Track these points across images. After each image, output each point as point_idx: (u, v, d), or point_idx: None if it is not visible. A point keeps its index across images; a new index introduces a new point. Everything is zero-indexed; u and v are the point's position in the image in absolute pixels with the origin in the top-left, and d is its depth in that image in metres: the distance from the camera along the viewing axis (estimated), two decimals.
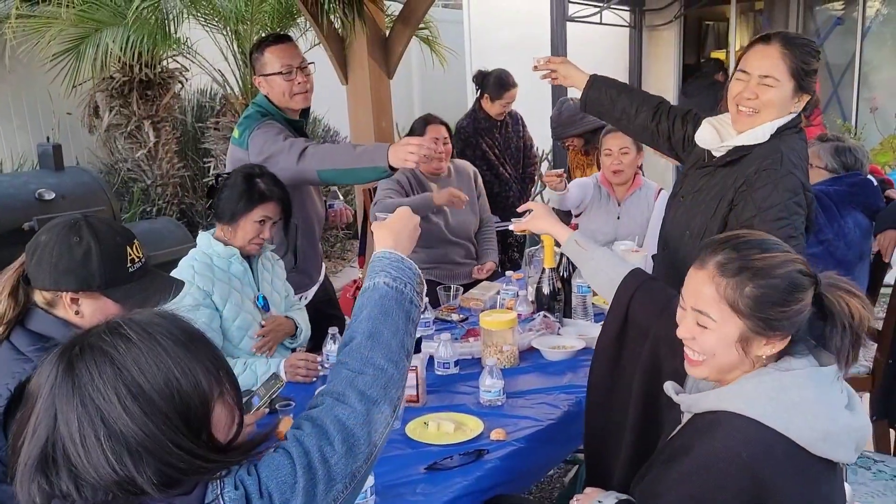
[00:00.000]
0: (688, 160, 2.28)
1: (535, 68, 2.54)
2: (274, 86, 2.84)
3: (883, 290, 3.33)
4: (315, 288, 3.11)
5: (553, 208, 3.26)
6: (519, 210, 2.20)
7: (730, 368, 1.40)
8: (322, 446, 1.09)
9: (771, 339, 1.35)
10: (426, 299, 2.76)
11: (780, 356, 1.38)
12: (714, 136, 2.11)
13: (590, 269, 2.00)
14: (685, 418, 1.49)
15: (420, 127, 3.51)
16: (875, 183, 3.17)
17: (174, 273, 2.36)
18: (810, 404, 1.30)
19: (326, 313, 3.15)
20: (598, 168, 4.00)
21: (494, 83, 4.30)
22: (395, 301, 1.30)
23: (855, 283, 1.39)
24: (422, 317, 2.72)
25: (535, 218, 2.13)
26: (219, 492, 1.00)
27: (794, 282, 1.33)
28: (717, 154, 2.10)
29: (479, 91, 4.41)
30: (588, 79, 2.44)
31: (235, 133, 2.82)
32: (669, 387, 1.49)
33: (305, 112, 3.01)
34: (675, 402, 1.47)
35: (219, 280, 2.40)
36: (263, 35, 3.23)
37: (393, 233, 1.44)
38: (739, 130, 2.04)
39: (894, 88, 8.37)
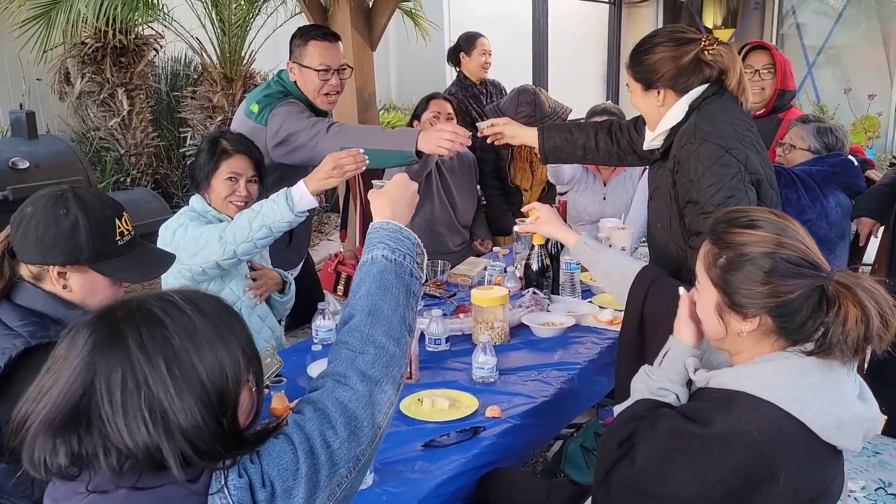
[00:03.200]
0: None
1: (481, 133, 2.57)
2: (306, 79, 2.78)
3: (863, 269, 3.38)
4: (301, 264, 3.10)
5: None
6: (523, 210, 2.25)
7: (719, 339, 1.43)
8: (324, 430, 1.06)
9: (747, 317, 1.35)
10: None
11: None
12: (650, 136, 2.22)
13: (602, 270, 2.04)
14: (695, 387, 1.50)
15: (423, 102, 3.45)
16: (856, 163, 3.20)
17: (167, 224, 2.37)
18: (827, 391, 1.30)
19: (310, 287, 3.16)
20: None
21: (465, 40, 4.44)
22: (394, 274, 1.26)
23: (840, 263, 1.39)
24: None
25: (542, 223, 2.20)
26: (224, 481, 0.98)
27: (769, 264, 1.31)
28: (652, 148, 2.20)
29: (456, 60, 4.51)
30: (537, 132, 2.46)
31: (254, 108, 2.74)
32: (690, 362, 1.50)
33: None
34: (691, 378, 1.48)
35: None
36: (310, 24, 3.19)
37: (390, 202, 1.40)
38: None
39: (867, 69, 8.47)
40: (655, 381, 1.52)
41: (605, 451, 1.48)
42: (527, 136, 2.50)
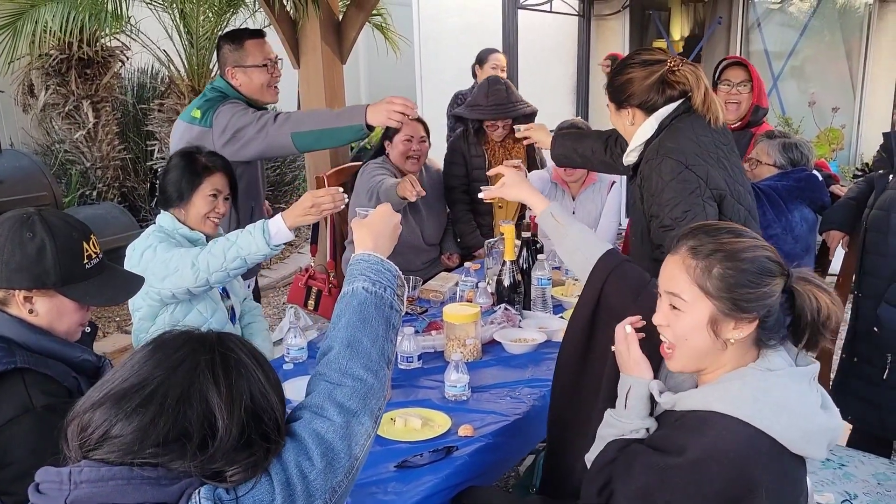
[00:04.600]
0: None
1: (519, 135, 2.91)
2: (253, 77, 2.87)
3: (827, 280, 3.45)
4: (257, 274, 3.15)
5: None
6: (489, 174, 2.21)
7: (704, 355, 1.41)
8: (300, 461, 1.07)
9: (740, 323, 1.36)
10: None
11: (758, 352, 1.41)
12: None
13: (566, 248, 1.95)
14: (659, 410, 1.51)
15: None
16: (820, 178, 3.27)
17: (135, 244, 2.34)
18: (792, 404, 1.34)
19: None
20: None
21: (482, 55, 5.14)
22: (374, 307, 1.28)
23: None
24: None
25: (509, 186, 2.10)
26: None
27: (762, 265, 1.36)
28: (629, 163, 2.26)
29: (474, 73, 5.19)
30: (551, 139, 2.71)
31: (196, 113, 2.78)
32: (654, 386, 1.50)
33: None
34: (658, 401, 1.48)
35: None
36: (235, 28, 3.34)
37: (373, 233, 1.42)
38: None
39: (831, 82, 8.65)
40: (626, 424, 1.51)
41: (586, 501, 1.48)
42: (547, 141, 2.75)
